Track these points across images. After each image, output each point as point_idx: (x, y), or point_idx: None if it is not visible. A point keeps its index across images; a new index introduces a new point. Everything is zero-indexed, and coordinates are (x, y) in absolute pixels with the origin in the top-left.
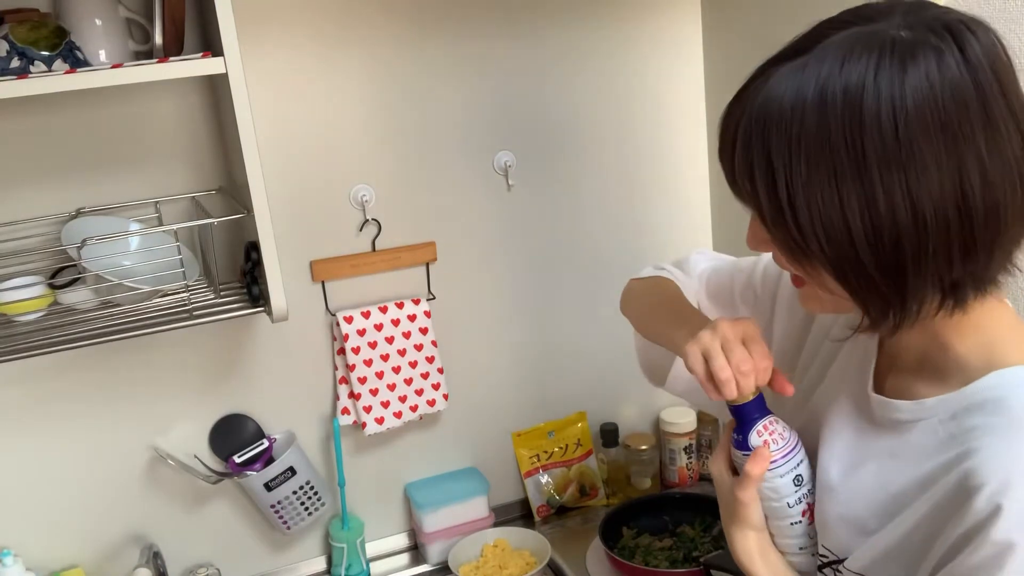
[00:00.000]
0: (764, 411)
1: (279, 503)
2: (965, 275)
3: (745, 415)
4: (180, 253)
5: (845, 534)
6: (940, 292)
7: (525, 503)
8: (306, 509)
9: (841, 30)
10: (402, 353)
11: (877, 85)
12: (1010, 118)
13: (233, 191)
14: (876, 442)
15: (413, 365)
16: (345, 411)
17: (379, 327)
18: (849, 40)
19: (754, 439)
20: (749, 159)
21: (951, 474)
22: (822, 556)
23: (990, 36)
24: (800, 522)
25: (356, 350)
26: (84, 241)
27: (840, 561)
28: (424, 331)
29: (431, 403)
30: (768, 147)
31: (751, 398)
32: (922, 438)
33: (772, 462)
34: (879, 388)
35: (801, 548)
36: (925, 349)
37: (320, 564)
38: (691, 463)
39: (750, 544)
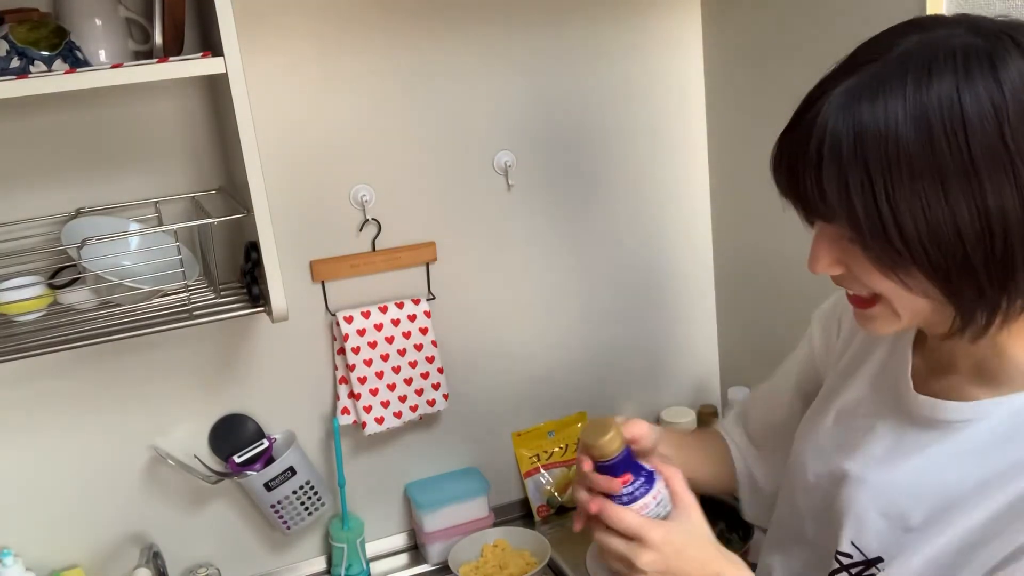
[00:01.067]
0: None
1: (279, 503)
2: None
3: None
4: (180, 253)
5: (886, 528)
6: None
7: (525, 503)
8: (306, 509)
9: (907, 37)
10: (402, 353)
11: (973, 88)
12: None
13: (233, 191)
14: (919, 440)
15: (413, 365)
16: (345, 411)
17: (379, 327)
18: (926, 48)
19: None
20: (843, 178)
21: (1015, 481)
22: (844, 555)
23: None
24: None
25: (356, 350)
26: (84, 241)
27: (871, 563)
28: (424, 331)
29: (431, 403)
30: (865, 163)
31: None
32: (979, 439)
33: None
34: (919, 390)
35: None
36: (981, 355)
37: (320, 564)
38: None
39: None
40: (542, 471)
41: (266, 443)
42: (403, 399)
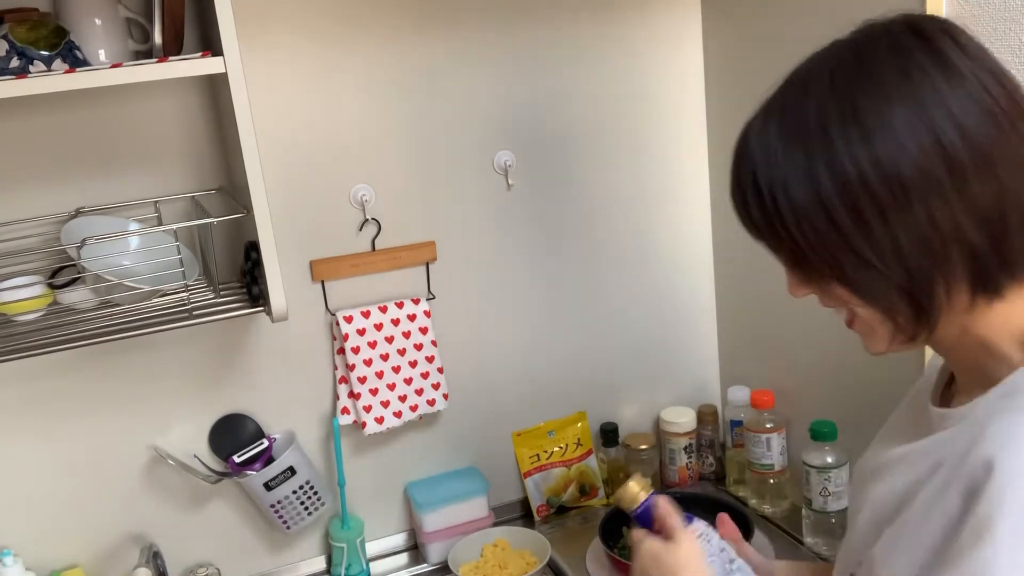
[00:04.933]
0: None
1: (279, 503)
2: (989, 251)
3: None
4: (180, 253)
5: (868, 533)
6: (967, 275)
7: (525, 503)
8: (306, 509)
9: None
10: (402, 353)
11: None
12: (976, 66)
13: (233, 191)
14: None
15: (413, 365)
16: (345, 411)
17: (379, 327)
18: (819, 56)
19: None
20: (757, 213)
21: (962, 457)
22: None
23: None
24: None
25: (356, 350)
26: (84, 241)
27: None
28: (424, 331)
29: (431, 403)
30: (773, 199)
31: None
32: (948, 433)
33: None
34: (938, 404)
35: None
36: (975, 357)
37: (320, 564)
38: (691, 463)
39: None
40: (542, 471)
41: (266, 443)
42: (403, 399)
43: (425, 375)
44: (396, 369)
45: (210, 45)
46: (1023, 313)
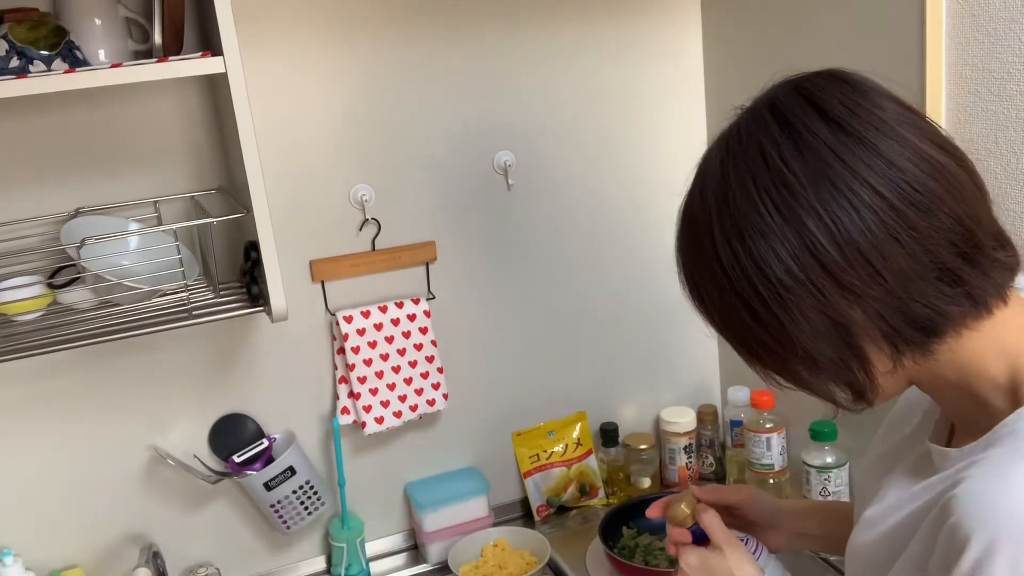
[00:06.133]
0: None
1: (279, 503)
2: (897, 317)
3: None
4: (179, 253)
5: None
6: (882, 339)
7: (525, 503)
8: (306, 509)
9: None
10: (402, 353)
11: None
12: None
13: (233, 191)
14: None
15: (413, 365)
16: (345, 411)
17: (379, 327)
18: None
19: None
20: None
21: (937, 506)
22: None
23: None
24: None
25: (356, 350)
26: (83, 241)
27: None
28: (424, 331)
29: (431, 403)
30: (691, 279)
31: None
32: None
33: None
34: (936, 439)
35: None
36: (958, 399)
37: (320, 564)
38: (691, 463)
39: None
40: (542, 471)
41: (266, 443)
42: (403, 399)
43: (425, 375)
44: (396, 369)
45: (210, 45)
46: (981, 356)
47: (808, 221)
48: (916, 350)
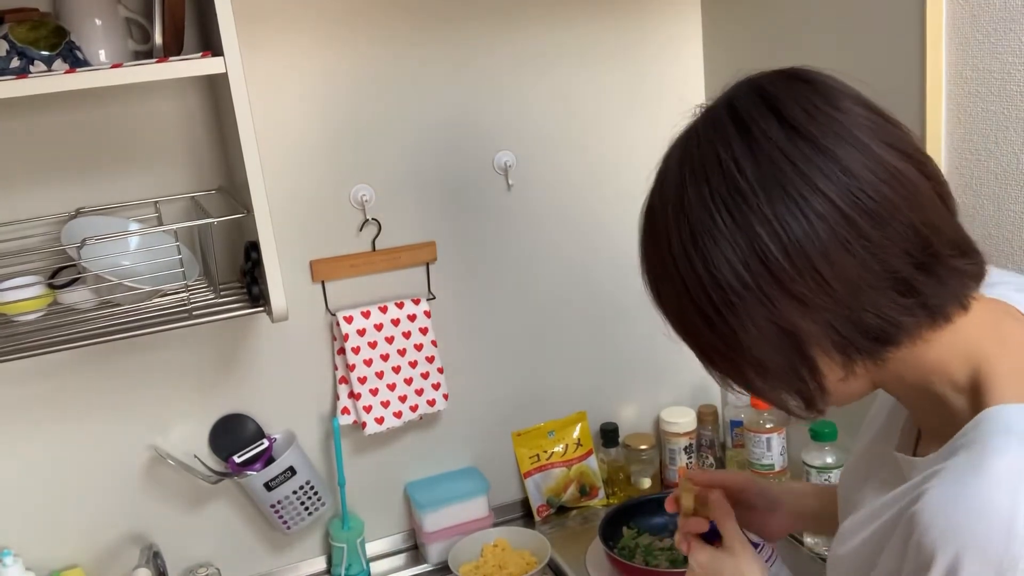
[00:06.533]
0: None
1: (279, 503)
2: (847, 327)
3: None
4: (180, 253)
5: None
6: (833, 348)
7: (525, 503)
8: (306, 509)
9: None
10: (402, 353)
11: (663, 192)
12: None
13: (233, 191)
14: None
15: (413, 365)
16: (345, 411)
17: (379, 327)
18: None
19: None
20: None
21: (904, 519)
22: None
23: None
24: None
25: (356, 350)
26: (84, 241)
27: None
28: (424, 331)
29: (431, 403)
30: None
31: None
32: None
33: None
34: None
35: None
36: (921, 402)
37: (320, 564)
38: (691, 463)
39: None
40: (542, 471)
41: (266, 443)
42: (403, 399)
43: (425, 375)
44: (396, 369)
45: (210, 45)
46: (940, 359)
47: (759, 227)
48: (868, 359)
